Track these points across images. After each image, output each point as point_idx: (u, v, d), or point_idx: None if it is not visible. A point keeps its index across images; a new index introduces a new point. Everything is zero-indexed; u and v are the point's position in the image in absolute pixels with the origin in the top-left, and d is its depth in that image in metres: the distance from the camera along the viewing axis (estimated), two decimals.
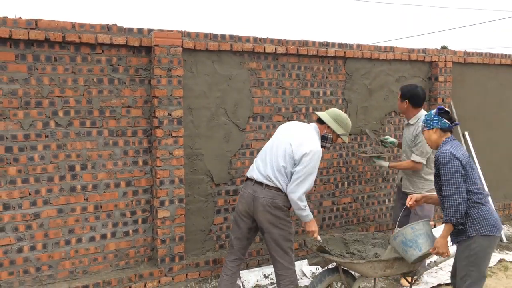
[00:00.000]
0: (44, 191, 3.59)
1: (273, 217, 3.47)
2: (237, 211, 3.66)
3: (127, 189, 3.92)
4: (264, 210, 3.45)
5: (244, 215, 3.60)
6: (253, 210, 3.52)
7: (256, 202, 3.48)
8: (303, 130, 3.61)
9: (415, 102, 4.25)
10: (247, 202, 3.54)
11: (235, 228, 3.69)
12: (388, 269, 3.54)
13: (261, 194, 3.47)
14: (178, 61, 3.92)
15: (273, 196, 3.46)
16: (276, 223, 3.49)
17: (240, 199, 3.65)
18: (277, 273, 3.60)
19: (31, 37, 3.39)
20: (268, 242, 3.56)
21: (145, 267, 4.01)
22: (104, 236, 3.86)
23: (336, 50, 4.79)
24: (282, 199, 3.49)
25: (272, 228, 3.49)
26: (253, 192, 3.52)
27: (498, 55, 6.10)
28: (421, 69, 5.50)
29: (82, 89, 3.68)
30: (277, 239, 3.51)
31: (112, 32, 3.73)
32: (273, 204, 3.45)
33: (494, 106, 6.13)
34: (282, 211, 3.50)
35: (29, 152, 3.52)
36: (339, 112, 3.71)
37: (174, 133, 3.95)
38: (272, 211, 3.46)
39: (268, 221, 3.48)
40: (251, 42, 4.33)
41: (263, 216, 3.47)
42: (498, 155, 6.14)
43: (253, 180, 3.56)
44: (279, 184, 3.46)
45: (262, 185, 3.49)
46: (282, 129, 3.72)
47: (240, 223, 3.65)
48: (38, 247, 3.61)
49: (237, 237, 3.67)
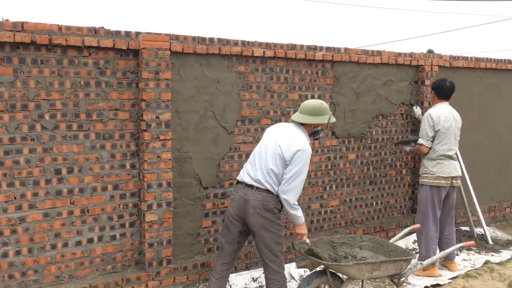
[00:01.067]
0: (29, 195, 3.56)
1: (264, 220, 3.48)
2: (228, 215, 3.66)
3: (114, 192, 3.90)
4: (255, 212, 3.46)
5: (235, 218, 3.60)
6: (244, 212, 3.52)
7: (247, 204, 3.48)
8: (290, 130, 3.62)
9: (437, 93, 4.78)
10: (238, 205, 3.54)
11: (226, 231, 3.69)
12: (375, 271, 3.56)
13: (252, 197, 3.48)
14: (166, 64, 3.91)
15: (263, 198, 3.47)
16: (267, 226, 3.49)
17: (231, 202, 3.64)
18: (267, 277, 3.60)
19: (17, 39, 3.36)
20: (259, 245, 3.57)
21: (132, 271, 3.98)
22: (91, 240, 3.83)
23: (324, 54, 4.82)
24: (273, 201, 3.49)
25: (263, 231, 3.49)
26: (244, 195, 3.52)
27: (483, 59, 6.19)
28: (408, 72, 5.56)
29: (69, 92, 3.65)
30: (268, 243, 3.52)
31: (100, 35, 3.71)
32: (264, 206, 3.46)
33: (480, 110, 6.22)
34: (273, 213, 3.51)
35: (14, 155, 3.48)
36: (312, 103, 3.61)
37: (162, 136, 3.94)
38: (263, 213, 3.47)
39: (259, 224, 3.48)
40: (239, 45, 4.34)
41: (254, 218, 3.48)
42: (483, 158, 6.22)
43: (243, 183, 3.58)
44: (269, 186, 3.47)
45: (253, 188, 3.50)
46: (269, 131, 3.72)
47: (230, 226, 3.64)
48: (23, 251, 3.57)
49: (228, 241, 3.67)
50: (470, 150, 6.12)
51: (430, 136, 4.66)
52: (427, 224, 4.64)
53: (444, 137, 4.65)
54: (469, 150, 6.10)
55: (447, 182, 4.66)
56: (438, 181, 4.64)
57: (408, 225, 5.29)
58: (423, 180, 4.74)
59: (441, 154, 4.65)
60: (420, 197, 4.78)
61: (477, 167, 6.14)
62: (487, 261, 5.09)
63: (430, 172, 4.67)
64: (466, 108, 6.07)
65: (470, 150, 6.11)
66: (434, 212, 4.67)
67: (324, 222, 5.10)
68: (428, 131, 4.66)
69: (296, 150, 3.43)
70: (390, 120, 5.48)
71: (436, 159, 4.65)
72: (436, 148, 4.67)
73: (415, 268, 3.89)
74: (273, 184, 3.48)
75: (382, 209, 5.53)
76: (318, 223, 5.06)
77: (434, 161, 4.67)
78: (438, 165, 4.64)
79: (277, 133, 3.62)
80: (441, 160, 4.65)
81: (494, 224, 6.44)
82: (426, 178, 4.72)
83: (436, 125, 4.63)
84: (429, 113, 4.70)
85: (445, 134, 4.65)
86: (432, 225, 4.66)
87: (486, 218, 6.27)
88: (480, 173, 6.16)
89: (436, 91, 4.79)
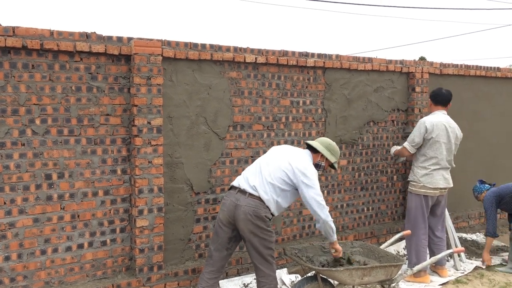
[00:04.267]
0: (19, 200, 3.53)
1: (254, 226, 3.49)
2: (218, 220, 3.66)
3: (105, 198, 3.88)
4: (246, 218, 3.47)
5: (225, 224, 3.60)
6: (234, 218, 3.53)
7: (238, 210, 3.49)
8: (300, 153, 3.76)
9: (434, 100, 4.89)
10: (229, 210, 3.55)
11: (215, 238, 3.69)
12: (366, 276, 3.58)
13: (243, 202, 3.49)
14: (158, 70, 3.92)
15: (255, 205, 3.49)
16: (257, 232, 3.50)
17: (221, 207, 3.65)
18: (258, 280, 3.61)
19: (8, 44, 3.35)
20: (249, 249, 3.58)
21: (123, 277, 3.96)
22: (81, 245, 3.81)
23: (315, 60, 4.86)
24: (264, 209, 3.52)
25: (252, 236, 3.50)
26: (235, 200, 3.54)
27: (473, 66, 6.26)
28: (399, 79, 5.61)
29: (60, 97, 3.64)
30: (258, 247, 3.53)
31: (91, 40, 3.71)
32: (255, 213, 3.48)
33: (469, 117, 6.28)
34: (263, 221, 3.52)
35: (4, 160, 3.46)
36: (329, 141, 3.87)
37: (153, 142, 3.93)
38: (254, 220, 3.48)
39: (249, 230, 3.49)
40: (231, 51, 4.36)
41: (244, 224, 3.48)
42: (473, 164, 6.27)
43: (236, 188, 3.60)
44: (264, 194, 3.52)
45: (245, 194, 3.53)
46: (277, 149, 3.84)
47: (220, 232, 3.64)
48: (13, 257, 3.54)
49: (217, 247, 3.66)
50: (460, 156, 6.16)
51: (416, 143, 4.70)
52: (417, 231, 4.67)
53: (438, 146, 4.66)
54: (459, 157, 6.15)
55: (435, 192, 4.69)
56: (424, 190, 4.67)
57: (399, 231, 5.31)
58: (411, 188, 4.77)
59: (432, 163, 4.67)
60: (409, 204, 4.80)
61: (467, 173, 6.19)
62: (477, 266, 5.13)
63: (418, 180, 4.69)
64: (456, 115, 6.12)
65: (460, 157, 6.16)
66: (424, 219, 4.70)
67: (315, 227, 5.10)
68: (416, 137, 4.70)
69: (305, 170, 3.57)
70: (381, 127, 5.52)
71: (427, 168, 4.67)
72: (427, 156, 4.68)
73: (406, 274, 3.91)
74: (268, 193, 3.53)
75: (373, 215, 5.56)
76: (310, 228, 5.07)
77: (424, 170, 4.68)
78: (427, 176, 4.66)
79: (287, 152, 3.74)
80: (431, 171, 4.65)
81: (484, 230, 6.48)
82: (413, 186, 4.74)
83: (428, 134, 4.65)
84: (425, 121, 4.72)
85: (438, 144, 4.67)
86: (421, 232, 4.69)
87: (476, 224, 6.31)
88: (470, 180, 6.20)
89: (433, 98, 4.88)
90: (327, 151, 3.79)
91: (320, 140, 3.86)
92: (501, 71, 6.53)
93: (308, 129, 4.95)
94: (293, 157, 3.65)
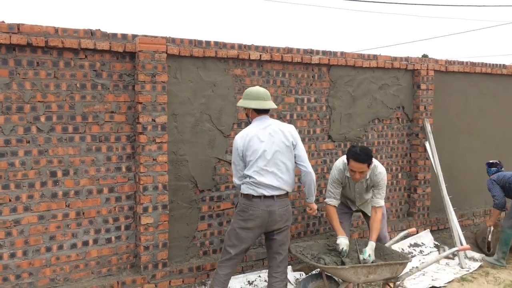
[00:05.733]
0: (24, 198, 3.54)
1: (288, 221, 3.68)
2: (244, 228, 3.57)
3: (110, 195, 3.89)
4: (282, 219, 3.60)
5: (255, 233, 3.60)
6: (268, 223, 3.58)
7: (273, 215, 3.56)
8: (267, 123, 3.66)
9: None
10: (262, 218, 3.54)
11: (237, 243, 3.61)
12: (371, 274, 3.57)
13: (275, 207, 3.56)
14: (162, 67, 3.91)
15: (286, 204, 3.64)
16: (289, 224, 3.71)
17: (250, 218, 3.53)
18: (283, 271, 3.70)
19: (13, 41, 3.35)
20: (276, 247, 3.67)
21: (127, 274, 3.97)
22: (86, 243, 3.81)
23: (320, 58, 4.84)
24: (289, 200, 3.72)
25: (286, 232, 3.68)
26: (266, 207, 3.54)
27: (479, 63, 6.23)
28: (404, 77, 5.58)
29: (65, 94, 3.64)
30: (286, 242, 3.71)
31: (96, 37, 3.71)
32: (287, 210, 3.65)
33: (475, 114, 6.25)
34: (291, 213, 3.74)
35: (9, 157, 3.47)
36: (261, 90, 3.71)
37: (158, 139, 3.93)
38: (288, 216, 3.66)
39: (286, 227, 3.67)
40: (235, 48, 4.35)
41: (282, 224, 3.62)
42: (478, 162, 6.24)
43: (261, 196, 3.54)
44: (287, 187, 3.62)
45: (273, 198, 3.56)
46: (256, 139, 3.57)
47: (246, 239, 3.60)
48: (18, 254, 3.55)
49: (238, 252, 3.65)
50: (466, 154, 6.15)
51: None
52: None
53: None
54: (464, 154, 6.13)
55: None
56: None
57: (404, 228, 5.29)
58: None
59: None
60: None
61: (472, 171, 6.16)
62: (482, 265, 5.11)
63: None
64: (462, 113, 6.11)
65: (465, 154, 6.14)
66: None
67: (320, 225, 5.10)
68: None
69: (292, 128, 3.66)
70: (386, 124, 5.50)
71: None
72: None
73: (411, 272, 3.89)
74: (290, 181, 3.64)
75: None
76: (314, 226, 5.06)
77: None
78: None
79: (268, 134, 3.58)
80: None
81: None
82: None
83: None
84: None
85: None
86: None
87: (481, 222, 6.29)
88: (475, 177, 6.18)
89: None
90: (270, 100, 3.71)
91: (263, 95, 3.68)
92: (507, 68, 6.49)
93: (313, 127, 4.94)
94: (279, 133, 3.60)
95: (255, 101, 3.63)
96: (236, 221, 3.61)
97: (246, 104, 3.66)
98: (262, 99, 3.63)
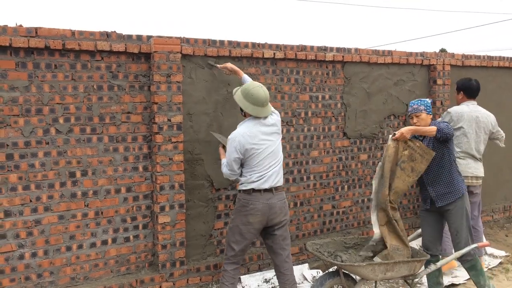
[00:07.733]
0: (45, 198, 3.61)
1: (287, 214, 3.71)
2: (246, 224, 3.59)
3: (128, 195, 3.94)
4: (282, 213, 3.64)
5: (256, 228, 3.62)
6: (269, 217, 3.59)
7: (273, 208, 3.59)
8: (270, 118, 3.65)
9: (468, 93, 4.74)
10: (263, 212, 3.56)
11: (241, 240, 3.64)
12: (389, 272, 3.55)
13: (275, 199, 3.60)
14: (177, 67, 3.95)
15: (283, 197, 3.68)
16: (288, 214, 3.74)
17: (251, 212, 3.55)
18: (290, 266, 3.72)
19: (31, 45, 3.42)
20: (279, 241, 3.69)
21: (146, 273, 4.02)
22: (105, 242, 3.87)
23: (334, 55, 4.82)
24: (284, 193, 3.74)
25: (286, 222, 3.71)
26: (266, 200, 3.56)
27: (496, 57, 6.13)
28: (420, 72, 5.52)
29: (82, 96, 3.70)
30: (287, 236, 3.74)
31: (112, 39, 3.75)
32: (285, 203, 3.69)
33: (493, 108, 6.12)
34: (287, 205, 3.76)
35: (29, 159, 3.54)
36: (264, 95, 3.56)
37: (173, 139, 3.97)
38: (287, 208, 3.69)
39: (286, 220, 3.70)
40: (249, 47, 4.36)
41: (282, 217, 3.65)
42: (497, 157, 6.14)
43: (260, 190, 3.56)
44: (282, 180, 3.70)
45: (272, 191, 3.59)
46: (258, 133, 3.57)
47: (248, 236, 3.63)
48: (39, 253, 3.62)
49: (242, 248, 3.68)
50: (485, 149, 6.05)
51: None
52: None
53: (464, 136, 4.61)
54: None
55: (467, 181, 4.61)
56: None
57: None
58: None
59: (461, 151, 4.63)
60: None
61: (492, 166, 6.06)
62: (502, 261, 5.04)
63: None
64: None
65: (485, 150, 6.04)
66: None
67: (336, 223, 5.09)
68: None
69: (279, 117, 3.72)
70: (402, 120, 5.45)
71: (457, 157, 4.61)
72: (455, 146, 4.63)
73: (429, 269, 3.86)
74: (282, 174, 3.71)
75: None
76: (330, 224, 5.05)
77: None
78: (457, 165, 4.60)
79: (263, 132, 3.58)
80: (459, 159, 4.61)
81: (509, 224, 6.36)
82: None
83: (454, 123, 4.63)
84: (449, 111, 4.73)
85: (466, 133, 4.61)
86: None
87: (501, 218, 6.19)
88: (495, 173, 6.08)
89: (464, 91, 4.77)
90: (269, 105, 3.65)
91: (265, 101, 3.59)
92: None
93: (328, 124, 4.92)
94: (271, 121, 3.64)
95: (253, 106, 3.53)
96: (237, 217, 3.63)
97: (244, 107, 3.57)
98: (260, 106, 3.55)
